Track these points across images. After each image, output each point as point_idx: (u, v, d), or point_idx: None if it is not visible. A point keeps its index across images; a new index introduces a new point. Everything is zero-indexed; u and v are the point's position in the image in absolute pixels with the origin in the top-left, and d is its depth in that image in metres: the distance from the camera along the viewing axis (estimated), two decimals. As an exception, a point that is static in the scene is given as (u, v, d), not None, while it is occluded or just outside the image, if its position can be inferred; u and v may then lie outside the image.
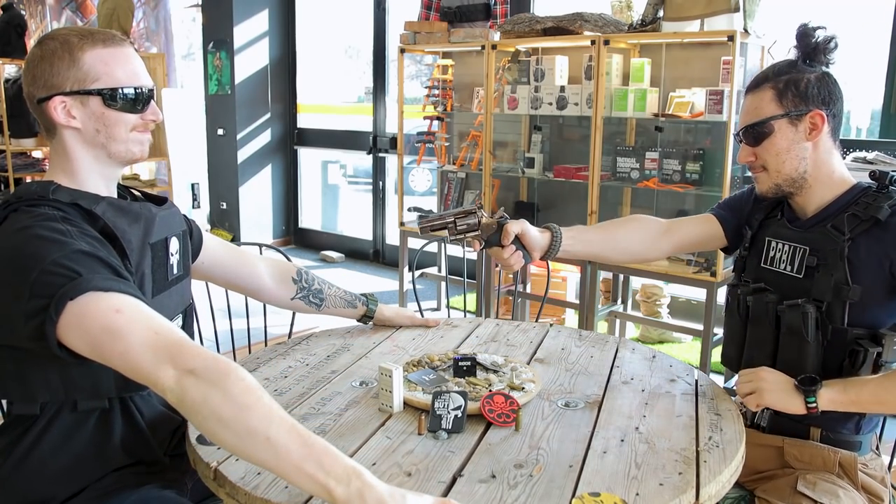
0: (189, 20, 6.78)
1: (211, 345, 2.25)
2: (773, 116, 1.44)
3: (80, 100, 1.23)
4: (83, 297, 1.06)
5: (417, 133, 4.36)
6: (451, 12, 3.96)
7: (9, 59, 5.89)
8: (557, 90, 3.52)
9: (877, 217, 1.36)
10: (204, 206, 6.41)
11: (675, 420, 1.33)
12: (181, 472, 1.37)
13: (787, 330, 1.43)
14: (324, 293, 1.75)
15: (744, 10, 2.96)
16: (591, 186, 3.39)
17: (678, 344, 3.97)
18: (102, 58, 1.24)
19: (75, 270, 1.07)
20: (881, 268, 1.36)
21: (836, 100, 1.44)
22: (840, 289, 1.38)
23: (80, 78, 1.22)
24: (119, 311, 1.06)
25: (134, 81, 1.26)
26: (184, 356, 1.02)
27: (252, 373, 1.51)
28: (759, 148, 1.47)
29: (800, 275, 1.45)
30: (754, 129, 1.46)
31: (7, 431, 1.27)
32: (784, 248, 1.50)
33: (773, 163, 1.45)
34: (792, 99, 1.43)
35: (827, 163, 1.45)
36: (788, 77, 1.44)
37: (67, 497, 1.25)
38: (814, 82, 1.43)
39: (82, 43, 1.23)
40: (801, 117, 1.43)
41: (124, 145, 1.28)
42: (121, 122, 1.26)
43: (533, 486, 1.09)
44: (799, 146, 1.43)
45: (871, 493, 1.41)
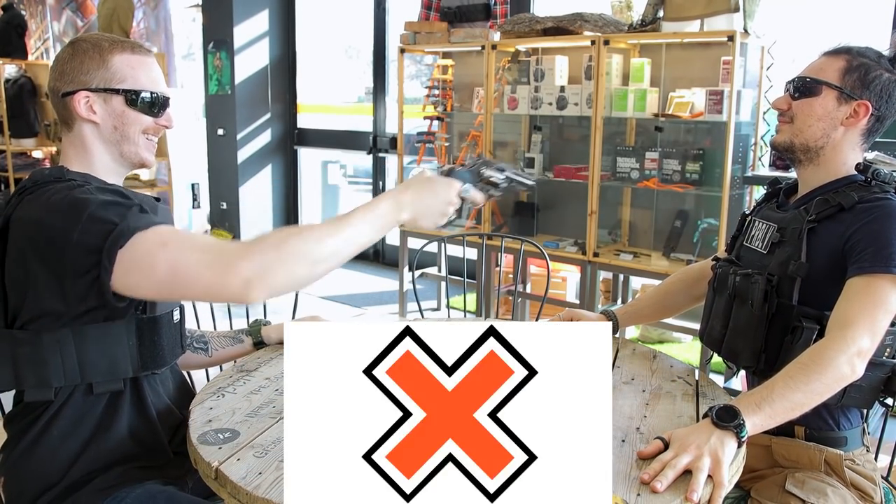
0: (189, 20, 6.78)
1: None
2: (828, 83, 1.44)
3: (104, 97, 1.32)
4: (130, 242, 1.13)
5: (417, 133, 4.36)
6: (451, 12, 3.97)
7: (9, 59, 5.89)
8: (557, 90, 3.52)
9: (842, 203, 1.40)
10: (204, 206, 6.41)
11: (676, 420, 1.33)
12: (183, 472, 1.38)
13: (739, 299, 1.49)
14: (206, 337, 1.66)
15: (744, 10, 2.96)
16: (591, 186, 3.39)
17: (678, 344, 3.97)
18: (129, 62, 1.34)
19: (111, 220, 1.14)
20: (837, 250, 1.38)
21: (891, 108, 1.45)
22: (789, 263, 1.41)
23: (106, 77, 1.31)
24: (165, 245, 1.13)
25: (154, 87, 1.36)
26: (240, 257, 1.09)
27: (252, 373, 1.53)
28: (798, 102, 1.47)
29: (765, 251, 1.50)
30: (804, 83, 1.47)
31: (18, 419, 1.30)
32: (762, 226, 1.55)
33: (801, 121, 1.47)
34: (855, 80, 1.43)
35: (843, 152, 1.47)
36: (866, 61, 1.44)
37: (74, 482, 1.27)
38: (884, 80, 1.43)
39: (112, 47, 1.33)
40: (850, 101, 1.43)
41: (135, 147, 1.36)
42: (137, 122, 1.35)
43: (534, 486, 1.09)
44: (831, 123, 1.45)
45: (861, 490, 1.41)
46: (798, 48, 3.57)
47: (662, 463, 1.12)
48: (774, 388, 1.23)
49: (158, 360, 1.34)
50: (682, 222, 3.37)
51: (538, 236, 3.79)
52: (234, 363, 1.61)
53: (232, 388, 1.44)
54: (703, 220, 3.25)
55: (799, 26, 3.67)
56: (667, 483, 1.08)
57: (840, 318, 1.30)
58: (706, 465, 1.11)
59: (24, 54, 6.14)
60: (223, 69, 5.96)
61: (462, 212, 1.34)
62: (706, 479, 1.10)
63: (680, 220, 3.38)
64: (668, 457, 1.13)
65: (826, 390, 1.25)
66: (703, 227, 3.23)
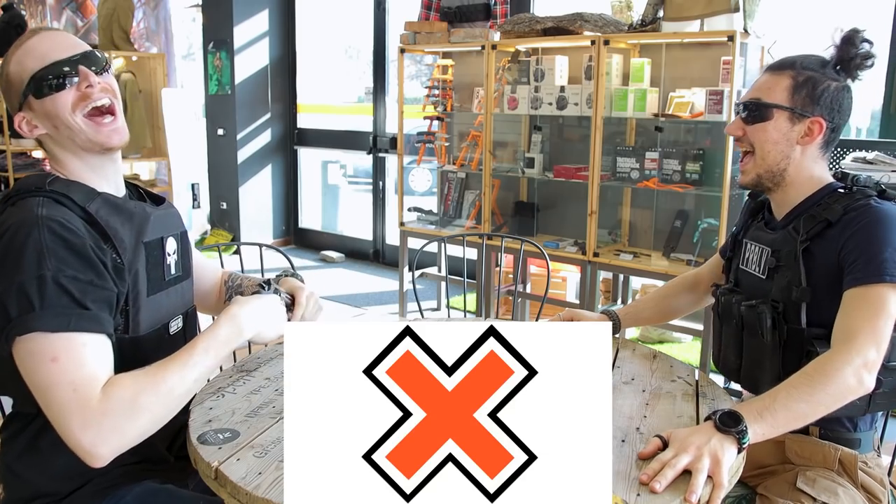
0: (189, 20, 6.78)
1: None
2: (778, 105, 1.43)
3: (27, 107, 1.23)
4: (30, 337, 1.08)
5: (417, 133, 4.36)
6: (451, 12, 3.97)
7: (9, 59, 5.90)
8: (557, 90, 3.52)
9: (829, 219, 1.38)
10: (204, 206, 6.41)
11: (676, 420, 1.33)
12: (184, 473, 1.38)
13: (748, 330, 1.48)
14: (243, 287, 1.66)
15: (744, 10, 2.96)
16: (591, 186, 3.39)
17: (678, 344, 3.97)
18: (18, 60, 1.22)
19: (31, 302, 1.08)
20: (834, 265, 1.37)
21: (844, 115, 1.44)
22: (791, 289, 1.40)
23: (15, 90, 1.23)
24: (55, 360, 1.08)
25: (44, 62, 1.20)
26: (91, 424, 1.06)
27: (252, 373, 1.52)
28: (751, 128, 1.46)
29: (763, 276, 1.49)
30: (755, 107, 1.45)
31: (10, 425, 1.30)
32: (755, 248, 1.53)
33: (759, 148, 1.46)
34: (804, 97, 1.42)
35: (808, 168, 1.46)
36: (812, 74, 1.42)
37: (72, 490, 1.26)
38: (832, 91, 1.42)
39: (7, 60, 1.24)
40: (803, 118, 1.42)
41: (80, 132, 1.23)
42: (59, 106, 1.21)
43: (534, 486, 1.09)
44: (788, 144, 1.44)
45: (870, 493, 1.41)
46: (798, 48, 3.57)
47: (661, 462, 1.12)
48: (777, 398, 1.22)
49: None
50: (682, 222, 3.37)
51: (538, 236, 3.79)
52: (234, 363, 1.61)
53: (232, 388, 1.44)
54: (704, 220, 3.25)
55: (799, 26, 3.67)
56: (665, 483, 1.08)
57: (843, 330, 1.29)
58: (706, 465, 1.10)
59: (24, 54, 6.13)
60: (223, 69, 5.96)
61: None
62: (705, 480, 1.10)
63: (680, 220, 3.38)
64: (668, 456, 1.12)
65: (831, 402, 1.23)
66: (703, 227, 3.23)
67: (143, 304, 1.28)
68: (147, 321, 1.30)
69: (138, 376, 1.12)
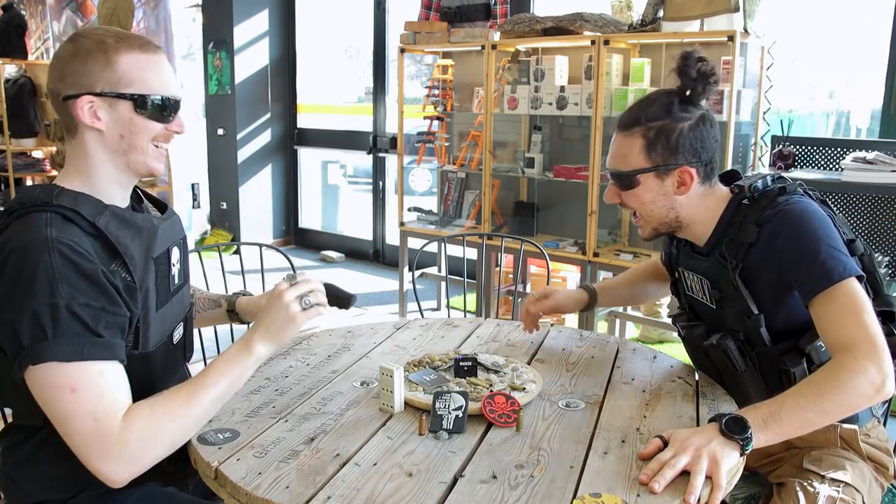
0: (189, 20, 6.78)
1: (210, 345, 2.26)
2: (640, 169, 1.39)
3: (110, 102, 1.20)
4: (45, 366, 1.08)
5: (417, 133, 4.36)
6: (451, 12, 3.96)
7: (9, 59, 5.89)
8: (557, 90, 3.52)
9: (748, 241, 1.37)
10: (204, 206, 6.41)
11: (676, 420, 1.33)
12: (184, 473, 1.37)
13: (720, 364, 1.48)
14: (194, 297, 1.61)
15: (744, 10, 2.96)
16: (591, 186, 3.39)
17: (678, 344, 3.96)
18: (138, 63, 1.21)
19: (44, 329, 1.07)
20: (774, 279, 1.35)
21: (710, 146, 1.40)
22: (745, 320, 1.39)
23: (113, 80, 1.19)
24: (74, 391, 1.08)
25: (165, 91, 1.24)
26: (111, 453, 1.09)
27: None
28: (625, 194, 1.45)
29: (713, 306, 1.48)
30: (619, 177, 1.44)
31: (10, 434, 1.29)
32: (694, 278, 1.53)
33: (641, 210, 1.45)
34: (661, 152, 1.38)
35: (699, 205, 1.44)
36: (661, 125, 1.37)
37: (73, 496, 1.26)
38: (686, 133, 1.37)
39: (118, 45, 1.20)
40: (669, 172, 1.39)
41: (143, 157, 1.25)
42: (146, 130, 1.23)
43: (534, 486, 1.09)
44: (666, 198, 1.42)
45: (876, 462, 1.41)
46: (798, 48, 3.58)
47: (661, 462, 1.12)
48: (784, 405, 1.20)
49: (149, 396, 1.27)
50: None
51: (538, 236, 3.79)
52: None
53: (232, 388, 1.44)
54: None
55: (799, 26, 3.67)
56: (664, 483, 1.08)
57: (836, 340, 1.25)
58: (704, 466, 1.10)
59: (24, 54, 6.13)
60: (223, 69, 5.96)
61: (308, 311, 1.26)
62: (704, 481, 1.10)
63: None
64: (667, 456, 1.12)
65: (840, 411, 1.22)
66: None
67: (152, 321, 1.27)
68: (155, 336, 1.29)
69: (156, 404, 1.14)
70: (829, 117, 4.10)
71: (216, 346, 2.24)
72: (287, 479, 1.10)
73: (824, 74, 3.98)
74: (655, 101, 1.41)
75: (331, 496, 1.05)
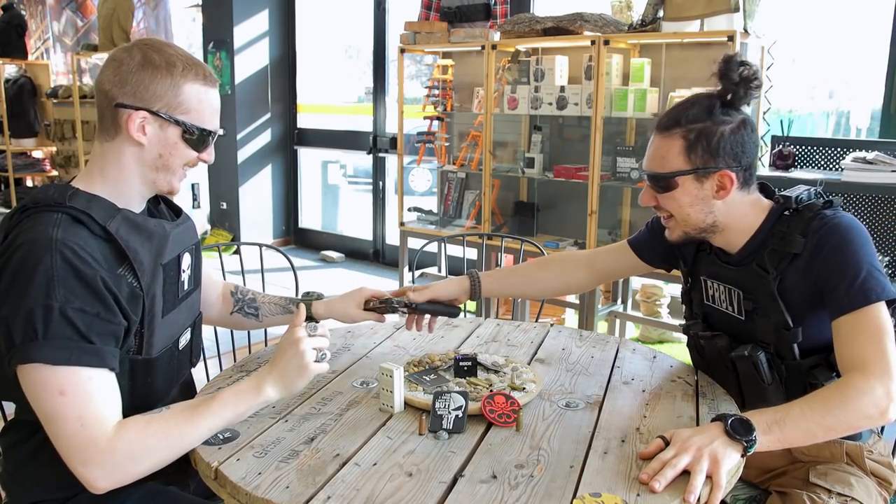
0: (189, 20, 6.78)
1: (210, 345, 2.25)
2: (679, 172, 1.36)
3: (161, 123, 1.23)
4: (34, 367, 1.08)
5: (417, 133, 4.36)
6: (451, 12, 3.97)
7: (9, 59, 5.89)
8: (557, 90, 3.52)
9: (794, 252, 1.35)
10: (204, 206, 6.41)
11: (676, 420, 1.33)
12: (184, 474, 1.37)
13: (744, 376, 1.45)
14: (257, 302, 1.66)
15: (744, 10, 2.96)
16: (591, 186, 3.39)
17: (678, 344, 3.97)
18: (198, 94, 1.25)
19: (35, 330, 1.08)
20: (810, 291, 1.33)
21: (750, 151, 1.37)
22: (780, 332, 1.37)
23: (173, 104, 1.22)
24: (63, 394, 1.09)
25: (213, 125, 1.29)
26: (95, 460, 1.09)
27: (252, 373, 1.52)
28: (662, 197, 1.41)
29: (742, 317, 1.45)
30: (657, 179, 1.40)
31: (15, 429, 1.29)
32: (720, 287, 1.49)
33: (677, 214, 1.41)
34: (702, 154, 1.35)
35: (738, 210, 1.40)
36: (702, 127, 1.35)
37: (75, 494, 1.26)
38: (727, 136, 1.35)
39: (186, 72, 1.23)
40: (709, 175, 1.36)
41: (171, 177, 1.28)
42: (184, 156, 1.27)
43: (534, 486, 1.09)
44: (704, 202, 1.38)
45: (880, 477, 1.42)
46: (798, 48, 3.58)
47: (661, 462, 1.12)
48: (789, 414, 1.19)
49: (150, 401, 1.29)
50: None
51: (538, 236, 3.79)
52: (234, 363, 1.62)
53: (232, 388, 1.44)
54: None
55: (799, 26, 3.67)
56: (665, 482, 1.08)
57: (851, 359, 1.25)
58: (705, 466, 1.10)
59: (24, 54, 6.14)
60: (223, 69, 5.96)
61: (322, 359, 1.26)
62: (705, 481, 1.10)
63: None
64: (668, 456, 1.12)
65: (843, 428, 1.21)
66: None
67: (157, 327, 1.27)
68: (160, 343, 1.29)
69: (153, 421, 1.14)
70: (829, 117, 4.10)
71: (216, 346, 2.24)
72: (287, 479, 1.10)
73: (824, 74, 3.98)
74: (696, 103, 1.38)
75: (331, 496, 1.05)
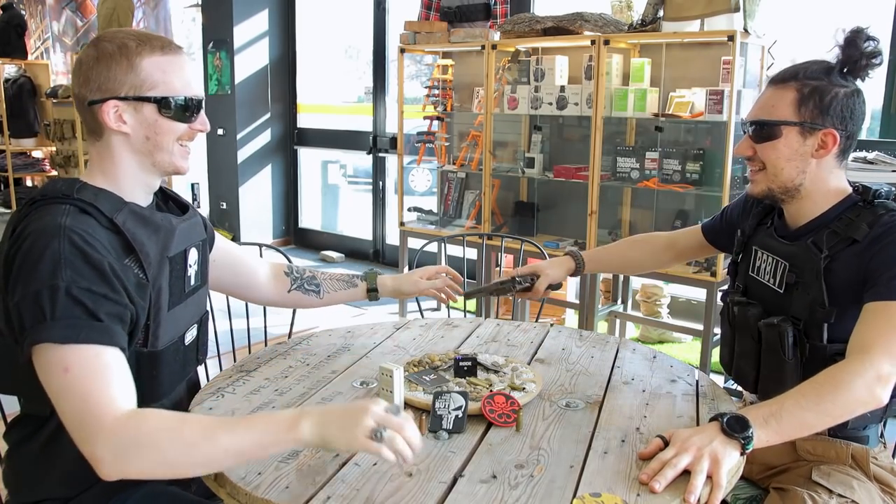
0: (189, 20, 6.78)
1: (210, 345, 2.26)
2: (786, 121, 1.37)
3: (134, 106, 1.22)
4: (41, 347, 1.08)
5: (417, 133, 4.36)
6: (451, 12, 3.96)
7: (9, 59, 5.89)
8: (557, 90, 3.52)
9: (854, 237, 1.35)
10: (204, 206, 6.41)
11: (676, 420, 1.33)
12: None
13: (767, 346, 1.44)
14: (317, 279, 1.72)
15: (744, 10, 2.96)
16: (591, 186, 3.38)
17: (678, 344, 3.97)
18: (160, 65, 1.23)
19: (43, 311, 1.08)
20: (856, 281, 1.33)
21: (858, 121, 1.38)
22: (815, 309, 1.37)
23: (136, 84, 1.21)
24: (67, 371, 1.07)
25: (188, 91, 1.26)
26: (100, 437, 1.04)
27: (252, 373, 1.52)
28: (761, 146, 1.41)
29: (781, 289, 1.45)
30: (762, 127, 1.40)
31: (20, 427, 1.29)
32: (768, 259, 1.49)
33: (772, 166, 1.41)
34: (812, 109, 1.36)
35: (825, 180, 1.41)
36: (817, 84, 1.36)
37: (77, 493, 1.26)
38: (841, 98, 1.35)
39: (140, 49, 1.22)
40: (815, 131, 1.37)
41: (169, 156, 1.27)
42: (171, 131, 1.25)
43: (534, 486, 1.09)
44: (802, 159, 1.38)
45: (883, 483, 1.42)
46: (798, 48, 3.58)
47: (661, 462, 1.12)
48: (784, 405, 1.20)
49: (155, 394, 1.28)
50: (682, 222, 3.37)
51: (538, 236, 3.78)
52: (234, 363, 1.62)
53: (231, 389, 1.44)
54: (703, 220, 3.25)
55: (799, 26, 3.67)
56: (665, 483, 1.08)
57: (859, 342, 1.26)
58: (705, 466, 1.10)
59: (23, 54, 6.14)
60: (223, 69, 5.96)
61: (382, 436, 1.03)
62: (705, 481, 1.10)
63: (680, 220, 3.38)
64: (668, 455, 1.12)
65: (838, 413, 1.21)
66: (703, 227, 3.22)
67: (163, 319, 1.27)
68: (165, 336, 1.29)
69: (166, 416, 1.09)
70: (829, 117, 4.09)
71: (216, 346, 2.24)
72: (287, 479, 1.10)
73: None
74: (816, 62, 1.40)
75: (331, 496, 1.05)
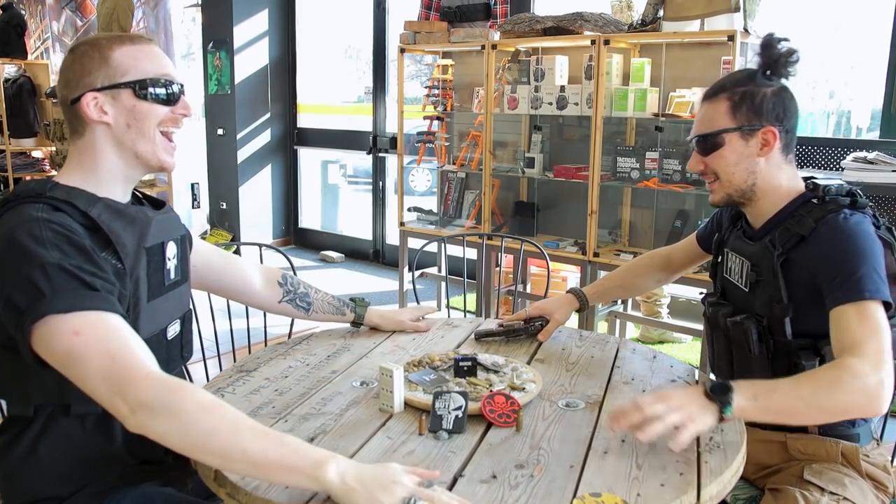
0: (189, 20, 6.78)
1: (210, 345, 2.26)
2: (725, 129, 1.44)
3: (112, 94, 1.24)
4: (45, 321, 1.07)
5: (417, 133, 4.36)
6: (451, 12, 3.96)
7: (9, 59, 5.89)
8: (557, 90, 3.52)
9: (802, 233, 1.39)
10: (204, 206, 6.41)
11: (676, 420, 1.33)
12: (183, 473, 1.38)
13: (735, 344, 1.51)
14: (310, 297, 1.74)
15: (744, 10, 2.96)
16: (592, 186, 3.38)
17: (678, 344, 3.97)
18: (130, 53, 1.26)
19: (40, 289, 1.07)
20: (810, 279, 1.37)
21: (791, 115, 1.45)
22: (773, 306, 1.42)
23: (109, 74, 1.24)
24: (77, 334, 1.06)
25: (161, 72, 1.28)
26: (134, 388, 1.03)
27: (252, 373, 1.52)
28: (709, 158, 1.48)
29: (746, 288, 1.51)
30: (706, 140, 1.47)
31: (6, 430, 1.28)
32: (736, 260, 1.55)
33: (723, 173, 1.48)
34: (746, 113, 1.43)
35: (776, 177, 1.47)
36: (745, 90, 1.44)
37: (70, 494, 1.26)
38: (770, 97, 1.43)
39: (111, 43, 1.26)
40: (754, 132, 1.44)
41: (152, 146, 1.28)
42: (151, 115, 1.26)
43: (534, 486, 1.09)
44: (749, 160, 1.45)
45: (875, 481, 1.42)
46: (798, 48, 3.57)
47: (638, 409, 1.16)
48: (777, 388, 1.22)
49: None
50: (683, 222, 3.37)
51: (538, 236, 3.78)
52: (234, 363, 1.61)
53: (231, 389, 1.44)
54: (704, 220, 3.25)
55: (799, 26, 3.67)
56: (653, 435, 1.14)
57: (848, 345, 1.25)
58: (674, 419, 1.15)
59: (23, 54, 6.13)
60: (223, 69, 5.96)
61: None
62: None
63: (680, 220, 3.38)
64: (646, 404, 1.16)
65: (831, 409, 1.22)
66: (703, 227, 3.22)
67: (143, 310, 1.27)
68: (147, 327, 1.28)
69: (204, 394, 1.07)
70: (830, 117, 4.10)
71: (216, 346, 2.24)
72: (287, 479, 1.09)
73: (825, 74, 3.98)
74: (739, 72, 1.50)
75: (331, 497, 1.05)
